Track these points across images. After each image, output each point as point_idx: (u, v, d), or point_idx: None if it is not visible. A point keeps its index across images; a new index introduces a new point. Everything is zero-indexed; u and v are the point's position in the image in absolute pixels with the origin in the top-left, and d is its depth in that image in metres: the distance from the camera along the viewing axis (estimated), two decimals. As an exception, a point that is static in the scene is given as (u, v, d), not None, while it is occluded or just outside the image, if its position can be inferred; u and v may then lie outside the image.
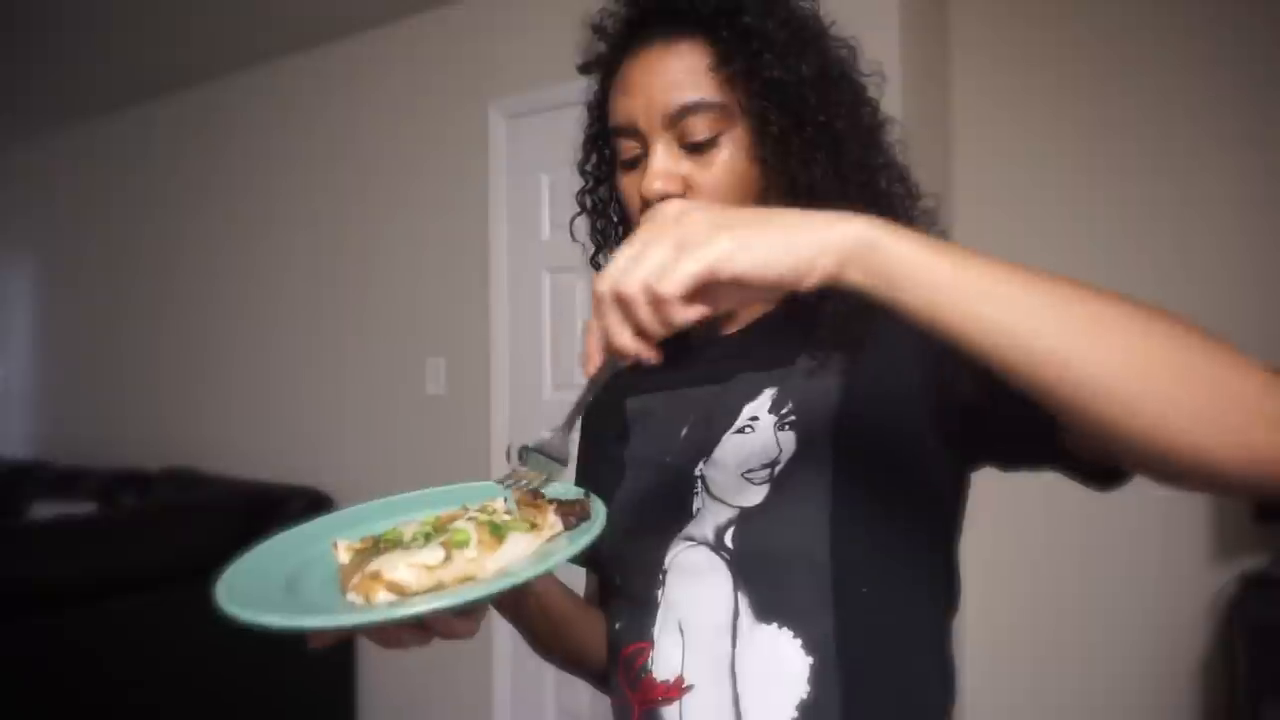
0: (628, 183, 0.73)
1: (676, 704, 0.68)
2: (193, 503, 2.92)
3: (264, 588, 0.55)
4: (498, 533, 0.56)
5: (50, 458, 4.14)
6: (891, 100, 0.78)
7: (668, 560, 0.71)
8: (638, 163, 0.71)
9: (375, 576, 0.52)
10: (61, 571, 2.36)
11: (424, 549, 0.54)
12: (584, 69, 0.78)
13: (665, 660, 0.70)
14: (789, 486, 0.67)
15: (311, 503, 3.00)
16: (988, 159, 2.33)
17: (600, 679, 0.84)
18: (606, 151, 0.80)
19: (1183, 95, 2.09)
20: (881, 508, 0.67)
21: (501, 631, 2.73)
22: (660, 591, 0.71)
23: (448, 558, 0.54)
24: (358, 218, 3.17)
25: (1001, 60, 2.32)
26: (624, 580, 0.75)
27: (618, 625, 0.76)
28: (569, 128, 3.06)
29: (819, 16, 0.73)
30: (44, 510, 3.32)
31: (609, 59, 0.75)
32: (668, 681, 0.69)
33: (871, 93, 0.74)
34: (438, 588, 0.53)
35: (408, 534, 0.59)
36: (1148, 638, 2.08)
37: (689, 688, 0.68)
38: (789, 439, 0.68)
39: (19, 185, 4.74)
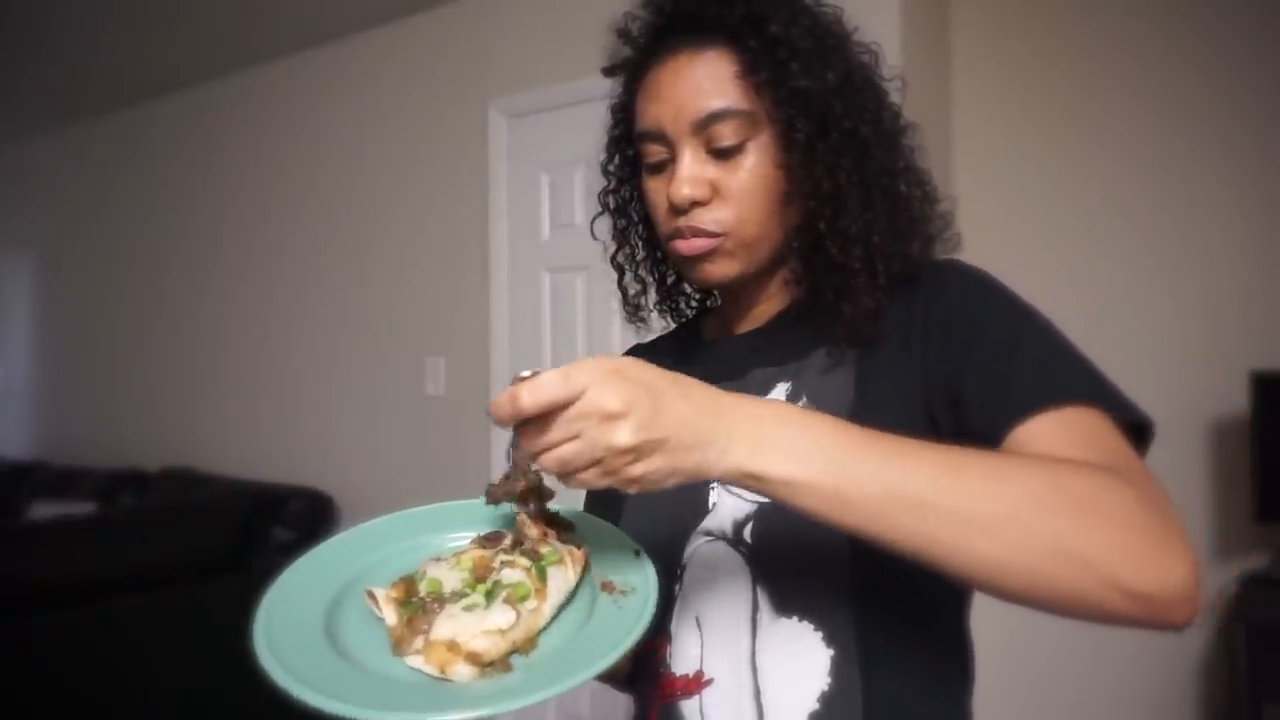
0: (654, 186, 0.74)
1: (697, 698, 0.68)
2: (193, 503, 2.92)
3: (308, 646, 0.53)
4: (542, 575, 0.57)
5: (50, 458, 4.14)
6: (892, 98, 0.78)
7: (685, 555, 0.72)
8: (664, 167, 0.72)
9: (453, 648, 0.52)
10: (61, 571, 2.36)
11: (491, 610, 0.54)
12: (608, 72, 0.79)
13: (683, 655, 0.70)
14: None
15: (311, 503, 3.00)
16: (988, 158, 2.33)
17: (625, 680, 0.84)
18: (629, 153, 0.81)
19: (1185, 92, 2.09)
20: None
21: (501, 631, 2.73)
22: (678, 587, 0.72)
23: (519, 618, 0.54)
24: (357, 217, 3.17)
25: (1002, 58, 2.32)
26: None
27: None
28: (569, 128, 3.06)
29: (841, 23, 0.74)
30: (44, 510, 3.32)
31: (635, 64, 0.75)
32: (686, 676, 0.70)
33: (892, 98, 0.75)
34: (511, 650, 0.53)
35: (447, 585, 0.58)
36: (1148, 638, 2.08)
37: (709, 682, 0.68)
38: None
39: (18, 184, 4.74)
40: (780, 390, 0.72)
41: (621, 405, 0.49)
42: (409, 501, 0.71)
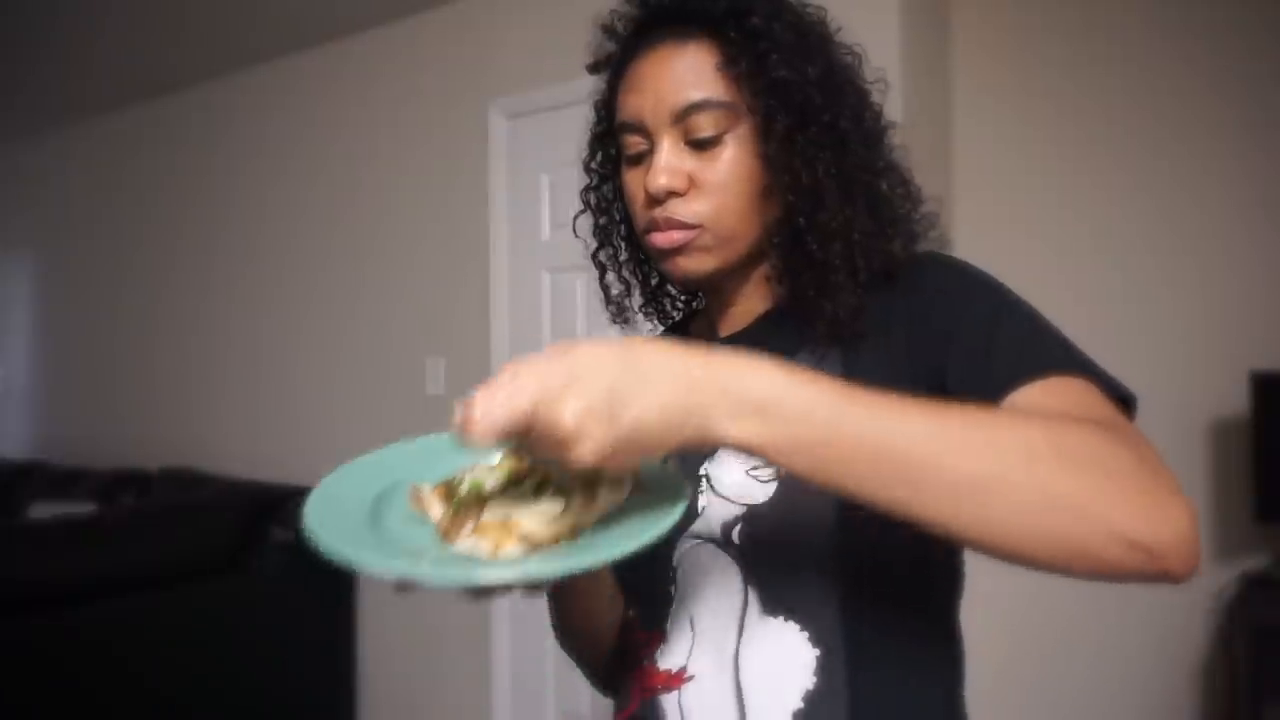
0: (632, 177, 0.74)
1: (675, 694, 0.69)
2: (193, 503, 2.92)
3: (360, 532, 0.54)
4: (590, 488, 0.57)
5: (50, 458, 4.14)
6: (892, 100, 0.78)
7: (676, 558, 0.72)
8: (643, 159, 0.72)
9: (506, 526, 0.53)
10: (61, 571, 2.36)
11: (541, 500, 0.55)
12: (593, 68, 0.79)
13: (673, 653, 0.71)
14: (796, 482, 0.67)
15: (311, 503, 3.00)
16: (988, 159, 2.33)
17: (605, 679, 0.84)
18: (612, 150, 0.81)
19: (1185, 92, 2.09)
20: None
21: (500, 631, 2.73)
22: (673, 587, 0.72)
23: (567, 508, 0.54)
24: (357, 218, 3.17)
25: (1002, 59, 2.32)
26: (635, 579, 0.76)
27: (632, 611, 0.77)
28: (569, 128, 3.05)
29: (825, 22, 0.75)
30: (43, 510, 3.31)
31: (618, 58, 0.76)
32: (669, 671, 0.70)
33: (875, 99, 0.75)
34: (555, 538, 0.54)
35: (487, 484, 0.58)
36: (1148, 638, 2.08)
37: (690, 678, 0.69)
38: None
39: (19, 185, 4.74)
40: None
41: (574, 425, 0.47)
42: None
